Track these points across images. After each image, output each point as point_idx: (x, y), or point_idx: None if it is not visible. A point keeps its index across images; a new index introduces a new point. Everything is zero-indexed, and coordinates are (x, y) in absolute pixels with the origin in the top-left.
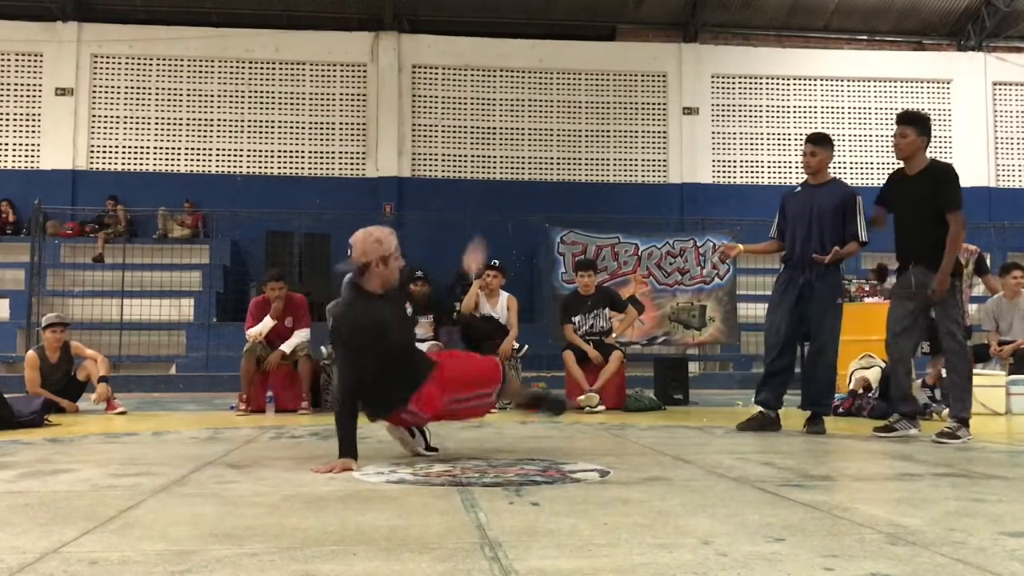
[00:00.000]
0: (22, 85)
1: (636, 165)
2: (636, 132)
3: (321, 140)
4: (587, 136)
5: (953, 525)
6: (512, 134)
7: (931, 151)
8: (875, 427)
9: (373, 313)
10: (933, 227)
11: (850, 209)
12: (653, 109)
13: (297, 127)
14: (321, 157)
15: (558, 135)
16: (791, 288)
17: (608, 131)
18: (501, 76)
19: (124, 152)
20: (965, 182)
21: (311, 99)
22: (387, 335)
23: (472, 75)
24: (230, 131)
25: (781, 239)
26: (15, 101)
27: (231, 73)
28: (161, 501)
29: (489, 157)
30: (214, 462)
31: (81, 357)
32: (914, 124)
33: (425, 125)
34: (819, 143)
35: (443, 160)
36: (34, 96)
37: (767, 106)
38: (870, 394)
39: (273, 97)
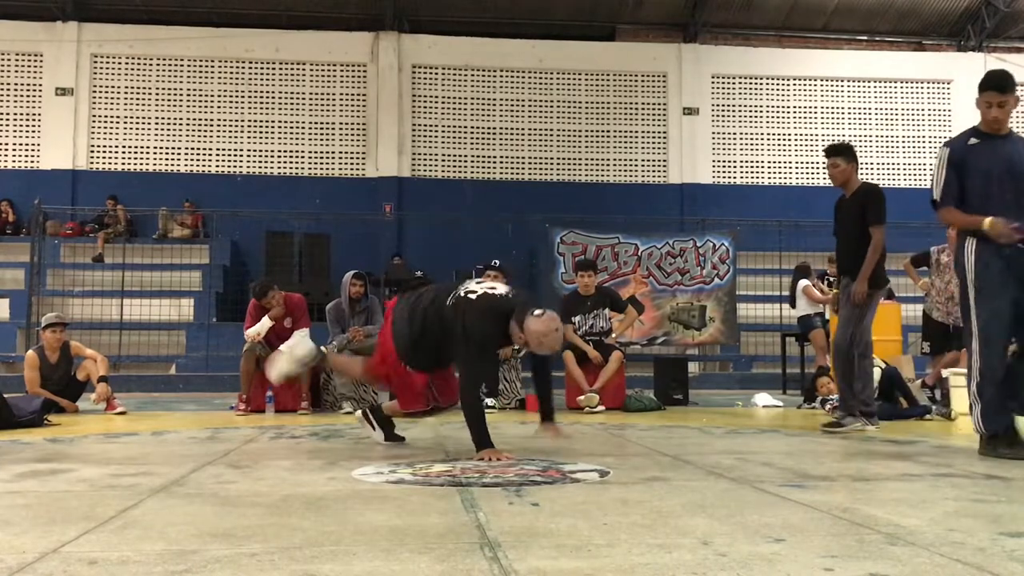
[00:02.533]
0: (22, 85)
1: (636, 165)
2: (636, 132)
3: (321, 140)
4: (587, 136)
5: (952, 525)
6: (512, 134)
7: (933, 151)
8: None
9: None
10: (858, 242)
11: None
12: (653, 109)
13: (297, 127)
14: (321, 157)
15: (558, 135)
16: (1012, 268)
17: (608, 131)
18: (501, 76)
19: (124, 152)
20: None
21: (311, 99)
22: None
23: (472, 75)
24: (230, 131)
25: (959, 204)
26: (15, 101)
27: (231, 73)
28: (160, 501)
29: (489, 157)
30: (214, 462)
31: (81, 357)
32: (841, 154)
33: (425, 125)
34: (1006, 89)
35: (443, 160)
36: (34, 96)
37: (767, 106)
38: None
39: (273, 97)
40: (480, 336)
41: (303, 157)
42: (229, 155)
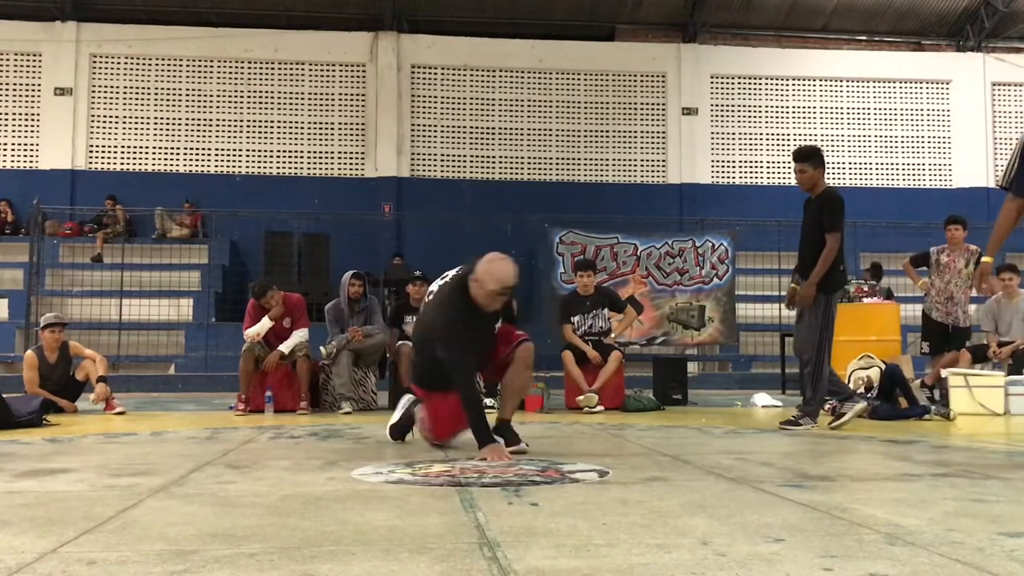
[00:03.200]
0: (21, 85)
1: (635, 165)
2: (635, 132)
3: (320, 140)
4: (586, 136)
5: (952, 525)
6: (511, 134)
7: (932, 151)
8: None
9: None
10: (816, 246)
11: None
12: (652, 109)
13: (296, 127)
14: (320, 157)
15: (557, 135)
16: None
17: (607, 131)
18: (500, 76)
19: (123, 152)
20: (964, 183)
21: (310, 99)
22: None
23: (471, 75)
24: (229, 131)
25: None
26: (14, 101)
27: (230, 73)
28: (160, 501)
29: (488, 157)
30: (213, 462)
31: (80, 357)
32: (809, 159)
33: (424, 125)
34: None
35: (442, 160)
36: (33, 96)
37: (766, 106)
38: (870, 394)
39: (272, 97)
40: (444, 323)
41: (302, 157)
42: (228, 155)
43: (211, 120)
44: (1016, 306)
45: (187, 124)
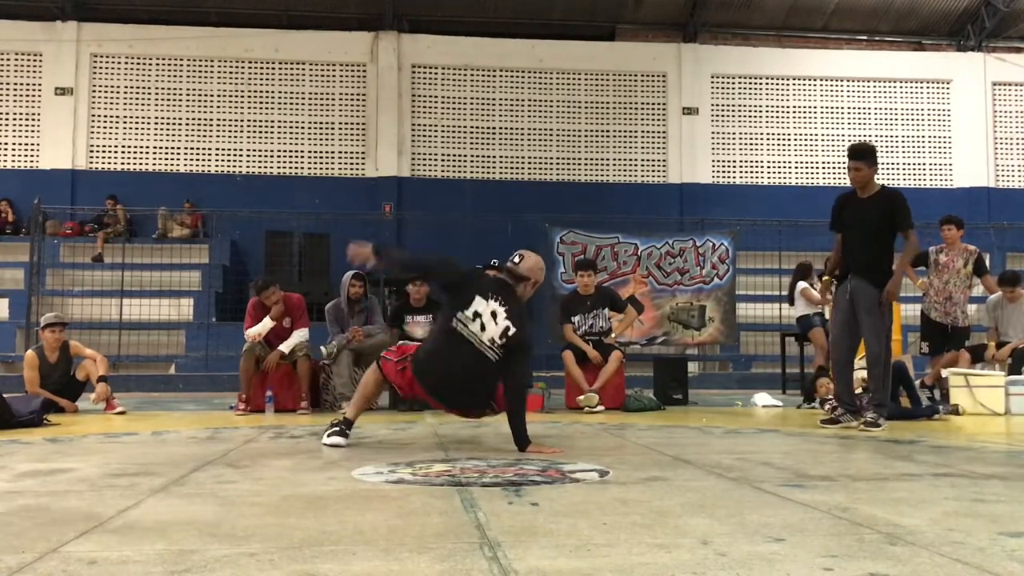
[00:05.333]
0: (22, 85)
1: (636, 165)
2: (636, 132)
3: (321, 140)
4: (587, 136)
5: (952, 525)
6: (512, 134)
7: (932, 151)
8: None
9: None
10: (878, 245)
11: None
12: (653, 109)
13: (297, 127)
14: (321, 157)
15: (558, 135)
16: None
17: (608, 131)
18: (501, 76)
19: (124, 152)
20: (965, 182)
21: (311, 99)
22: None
23: (472, 75)
24: (230, 131)
25: None
26: (15, 101)
27: (231, 73)
28: (160, 501)
29: (488, 157)
30: (213, 462)
31: (80, 357)
32: (865, 158)
33: (425, 125)
34: None
35: (443, 160)
36: (34, 96)
37: (767, 106)
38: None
39: (273, 97)
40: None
41: (303, 157)
42: (229, 155)
43: (212, 120)
44: (1018, 309)
45: (188, 124)
